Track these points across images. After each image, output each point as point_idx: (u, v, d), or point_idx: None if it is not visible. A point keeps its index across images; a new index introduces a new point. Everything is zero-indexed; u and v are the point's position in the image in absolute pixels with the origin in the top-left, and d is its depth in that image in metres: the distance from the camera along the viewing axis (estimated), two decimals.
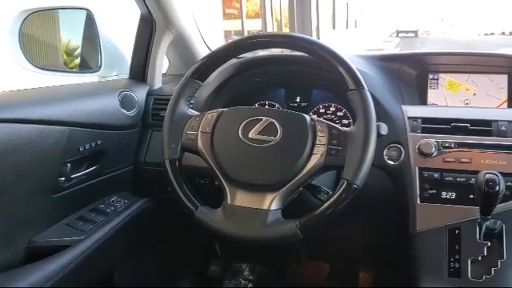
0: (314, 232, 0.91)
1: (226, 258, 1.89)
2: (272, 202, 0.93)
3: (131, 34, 1.56)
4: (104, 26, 1.58)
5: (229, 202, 0.96)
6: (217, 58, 1.10)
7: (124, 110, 1.38)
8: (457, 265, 1.02)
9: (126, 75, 1.59)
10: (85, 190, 1.28)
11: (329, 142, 0.94)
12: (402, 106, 1.23)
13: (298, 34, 1.04)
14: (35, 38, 1.57)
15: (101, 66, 1.56)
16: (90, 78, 1.62)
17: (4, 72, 1.49)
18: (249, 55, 1.33)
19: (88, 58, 1.63)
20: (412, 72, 1.38)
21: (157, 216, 1.50)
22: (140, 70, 1.54)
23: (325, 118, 1.36)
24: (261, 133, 0.98)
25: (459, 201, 1.07)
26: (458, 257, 1.03)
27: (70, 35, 1.71)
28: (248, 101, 1.45)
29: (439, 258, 1.04)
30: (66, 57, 1.78)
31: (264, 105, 1.48)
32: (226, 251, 1.88)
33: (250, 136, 0.98)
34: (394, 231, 1.23)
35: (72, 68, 1.74)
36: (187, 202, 0.99)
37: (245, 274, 1.89)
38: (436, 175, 1.10)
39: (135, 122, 1.43)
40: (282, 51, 1.38)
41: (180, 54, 1.66)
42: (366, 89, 0.96)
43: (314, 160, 0.94)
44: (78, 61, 1.70)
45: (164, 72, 1.66)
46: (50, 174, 1.15)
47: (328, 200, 0.91)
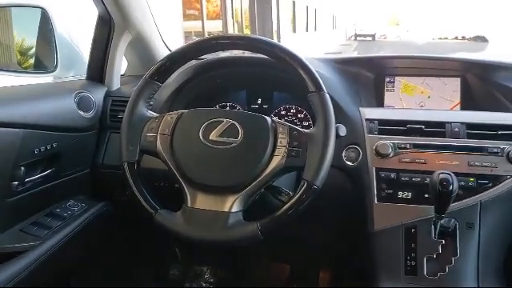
0: (274, 233, 0.92)
1: (186, 261, 1.88)
2: (233, 204, 0.93)
3: (89, 34, 1.53)
4: (60, 25, 1.54)
5: (189, 205, 0.96)
6: (177, 59, 1.09)
7: (81, 112, 1.35)
8: (413, 263, 1.06)
9: (84, 76, 1.55)
10: (40, 194, 1.25)
11: (290, 143, 0.95)
12: (360, 108, 1.25)
13: (259, 37, 1.05)
14: None
15: (57, 66, 1.52)
16: (45, 79, 1.57)
17: None
18: (209, 57, 1.33)
19: (43, 57, 1.58)
20: (369, 75, 1.41)
21: (116, 220, 1.48)
22: (98, 70, 1.51)
23: (286, 120, 1.37)
24: (222, 135, 0.98)
25: (415, 200, 1.10)
26: (414, 255, 1.06)
27: (24, 34, 1.66)
28: (209, 102, 1.45)
29: (396, 257, 1.07)
30: (19, 56, 1.73)
31: (225, 106, 1.47)
32: (186, 254, 1.86)
33: (210, 138, 0.98)
34: (353, 231, 1.25)
35: (26, 68, 1.68)
36: (146, 206, 0.98)
37: (205, 276, 1.88)
38: (392, 175, 1.13)
39: (93, 123, 1.40)
40: (244, 53, 1.38)
41: (139, 54, 1.63)
42: (326, 91, 0.97)
43: (275, 161, 0.94)
44: (32, 61, 1.65)
45: (123, 73, 1.64)
46: (2, 178, 1.12)
47: (289, 201, 0.92)
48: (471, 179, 1.08)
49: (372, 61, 1.44)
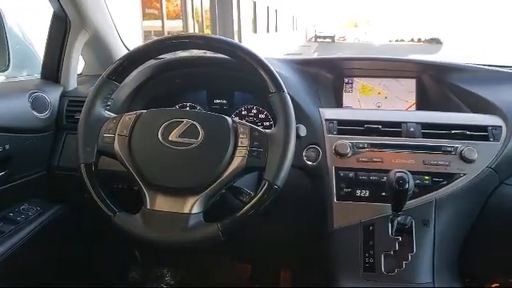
0: (235, 234, 0.92)
1: (146, 263, 1.85)
2: (193, 206, 0.93)
3: (44, 32, 1.48)
4: (13, 21, 1.49)
5: (148, 207, 0.94)
6: (135, 58, 1.07)
7: (35, 112, 1.31)
8: (371, 260, 1.08)
9: (38, 75, 1.50)
10: None
11: (250, 143, 0.95)
12: (320, 109, 1.27)
13: (219, 36, 1.05)
14: None
15: (9, 65, 1.47)
16: None
17: None
18: (169, 56, 1.31)
19: None
20: (329, 76, 1.43)
21: (72, 223, 1.44)
22: (53, 70, 1.46)
23: (247, 120, 1.37)
24: (182, 135, 0.97)
25: (372, 198, 1.13)
26: (372, 252, 1.09)
27: None
28: (168, 102, 1.43)
29: (355, 254, 1.09)
30: None
31: (185, 107, 1.46)
32: (145, 257, 1.84)
33: (170, 139, 0.97)
34: (313, 230, 1.27)
35: None
36: (105, 208, 0.96)
37: (166, 278, 1.87)
38: (351, 174, 1.15)
39: (48, 124, 1.36)
40: (205, 53, 1.37)
41: (96, 54, 1.60)
42: (286, 92, 0.98)
43: (236, 162, 0.94)
44: None
45: (79, 72, 1.59)
46: None
47: (250, 201, 0.92)
48: (426, 177, 1.12)
49: (331, 62, 1.47)
